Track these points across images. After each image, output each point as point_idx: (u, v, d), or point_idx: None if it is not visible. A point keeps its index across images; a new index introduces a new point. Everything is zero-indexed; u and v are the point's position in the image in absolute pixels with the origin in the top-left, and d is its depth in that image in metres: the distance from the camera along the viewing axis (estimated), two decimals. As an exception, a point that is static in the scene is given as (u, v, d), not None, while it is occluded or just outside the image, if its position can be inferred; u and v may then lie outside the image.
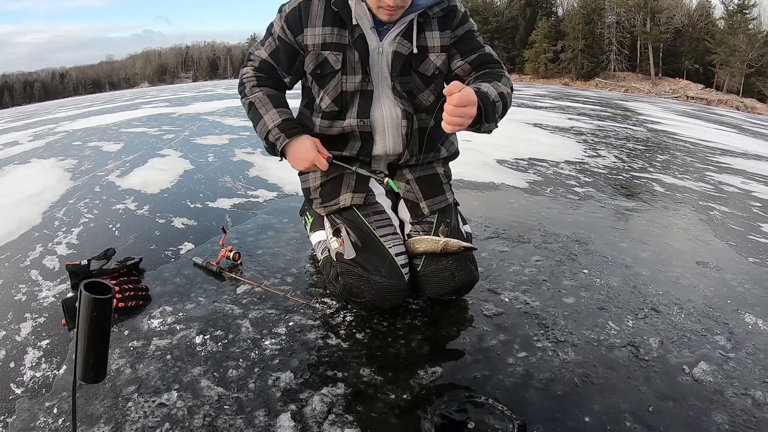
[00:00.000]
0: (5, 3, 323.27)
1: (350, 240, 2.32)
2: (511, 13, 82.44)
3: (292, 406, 1.83)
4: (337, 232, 2.40)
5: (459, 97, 1.82)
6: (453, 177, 2.78)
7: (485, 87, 2.08)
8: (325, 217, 2.54)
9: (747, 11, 66.42)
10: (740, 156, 9.24)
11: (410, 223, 2.44)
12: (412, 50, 2.25)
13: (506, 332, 2.35)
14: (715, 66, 65.76)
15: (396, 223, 2.43)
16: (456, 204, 2.61)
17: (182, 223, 3.67)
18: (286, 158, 2.34)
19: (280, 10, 2.26)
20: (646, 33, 70.37)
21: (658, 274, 3.06)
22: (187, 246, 3.21)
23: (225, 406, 1.82)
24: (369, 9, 2.14)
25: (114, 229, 3.61)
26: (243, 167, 5.61)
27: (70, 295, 2.56)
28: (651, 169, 6.55)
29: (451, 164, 2.76)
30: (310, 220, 2.74)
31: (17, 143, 10.26)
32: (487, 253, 3.14)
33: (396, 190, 2.31)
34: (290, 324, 2.34)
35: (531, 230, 3.62)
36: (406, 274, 2.29)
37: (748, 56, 61.72)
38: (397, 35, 2.22)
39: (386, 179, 2.30)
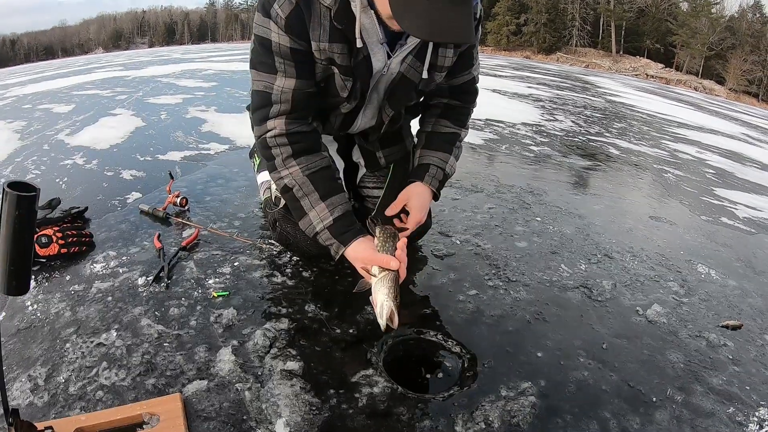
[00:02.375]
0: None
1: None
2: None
3: (234, 342, 1.75)
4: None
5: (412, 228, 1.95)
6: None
7: (450, 166, 2.10)
8: None
9: (710, -5, 67.49)
10: (696, 129, 9.38)
11: (364, 166, 2.31)
12: (422, 76, 1.89)
13: (457, 272, 2.27)
14: (676, 47, 66.95)
15: (341, 167, 2.29)
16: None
17: (131, 175, 3.49)
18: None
19: (272, 17, 1.69)
20: (610, 10, 71.08)
21: (611, 225, 3.04)
22: (135, 195, 3.05)
23: (165, 344, 1.73)
24: (379, 20, 1.70)
25: (61, 183, 3.41)
26: (196, 123, 5.38)
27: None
28: (607, 134, 6.57)
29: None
30: (258, 161, 2.59)
31: (-36, 110, 9.89)
32: (439, 200, 3.02)
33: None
34: (235, 264, 2.23)
35: (484, 181, 3.56)
36: None
37: (709, 39, 62.94)
38: (408, 54, 1.84)
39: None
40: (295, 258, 2.29)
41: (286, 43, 1.70)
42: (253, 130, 1.89)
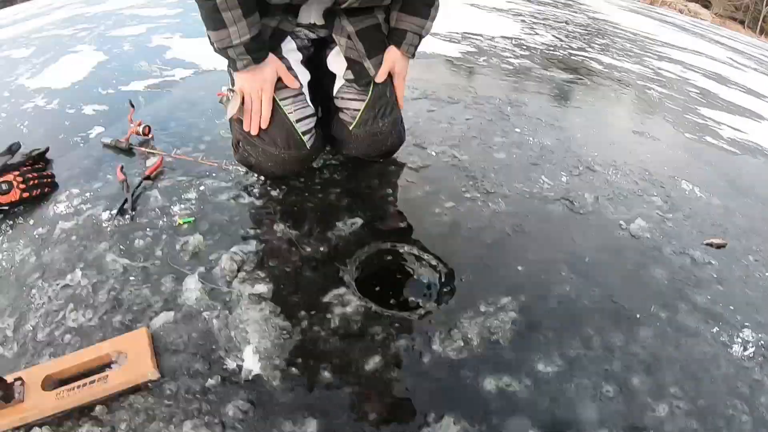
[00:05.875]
0: None
1: (239, 101, 1.99)
2: None
3: (201, 269, 1.67)
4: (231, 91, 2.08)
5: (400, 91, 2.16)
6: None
7: (426, 28, 2.07)
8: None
9: None
10: (680, 50, 9.22)
11: (344, 79, 2.12)
12: None
13: (433, 184, 2.16)
14: (662, -34, 66.47)
15: (305, 79, 2.08)
16: None
17: (93, 110, 3.32)
18: (237, 75, 1.95)
19: None
20: (590, -72, 69.92)
21: (593, 138, 2.95)
22: (98, 130, 2.90)
23: (130, 278, 1.66)
24: None
25: (22, 127, 3.27)
26: (160, 51, 5.13)
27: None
28: (589, 50, 6.39)
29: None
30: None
31: None
32: (414, 113, 2.90)
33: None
34: (201, 188, 2.12)
35: (461, 92, 3.40)
36: (308, 140, 1.98)
37: (696, -40, 62.60)
38: None
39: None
40: (263, 177, 2.18)
41: None
42: None
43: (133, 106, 2.81)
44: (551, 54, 5.51)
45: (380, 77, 2.02)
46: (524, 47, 5.62)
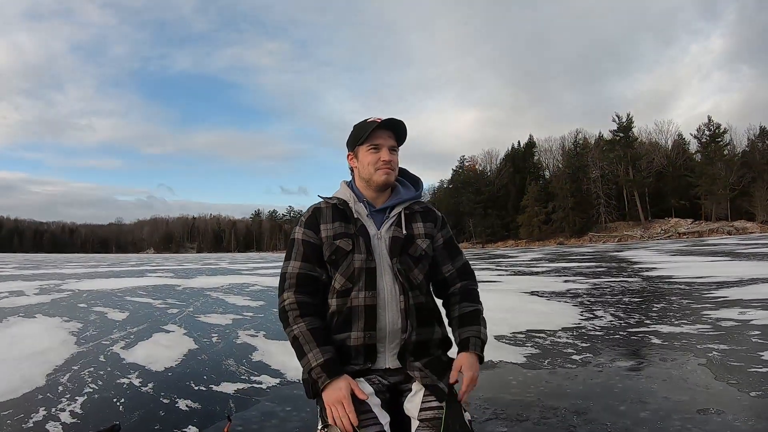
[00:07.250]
0: (20, 151, 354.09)
1: None
2: (501, 182, 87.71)
3: None
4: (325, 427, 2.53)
5: (469, 387, 2.41)
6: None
7: (483, 334, 2.57)
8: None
9: (719, 139, 70.43)
10: (735, 285, 9.46)
11: (418, 419, 2.55)
12: (403, 232, 2.57)
13: None
14: (701, 198, 68.36)
15: (385, 420, 2.44)
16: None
17: (186, 405, 3.73)
18: (322, 394, 2.45)
19: (298, 224, 2.55)
20: (630, 180, 73.84)
21: None
22: (192, 429, 3.27)
23: None
24: (366, 203, 2.55)
25: (118, 404, 3.69)
26: (246, 350, 5.72)
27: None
28: (648, 321, 6.66)
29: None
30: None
31: (23, 293, 10.85)
32: (488, 439, 3.18)
33: None
34: None
35: (530, 407, 3.66)
36: None
37: (729, 180, 64.56)
38: (391, 224, 2.57)
39: None
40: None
41: (301, 236, 2.47)
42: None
43: (230, 420, 3.12)
44: (611, 338, 5.80)
45: (452, 379, 2.44)
46: (585, 337, 5.93)
